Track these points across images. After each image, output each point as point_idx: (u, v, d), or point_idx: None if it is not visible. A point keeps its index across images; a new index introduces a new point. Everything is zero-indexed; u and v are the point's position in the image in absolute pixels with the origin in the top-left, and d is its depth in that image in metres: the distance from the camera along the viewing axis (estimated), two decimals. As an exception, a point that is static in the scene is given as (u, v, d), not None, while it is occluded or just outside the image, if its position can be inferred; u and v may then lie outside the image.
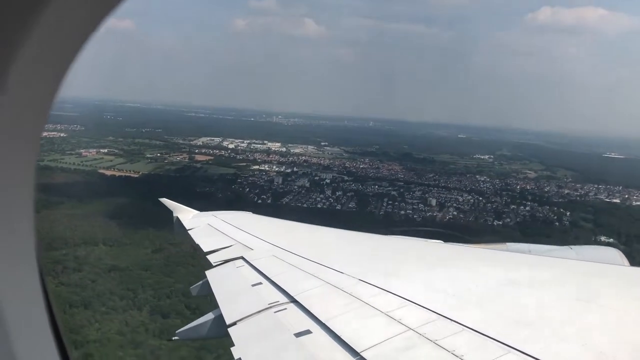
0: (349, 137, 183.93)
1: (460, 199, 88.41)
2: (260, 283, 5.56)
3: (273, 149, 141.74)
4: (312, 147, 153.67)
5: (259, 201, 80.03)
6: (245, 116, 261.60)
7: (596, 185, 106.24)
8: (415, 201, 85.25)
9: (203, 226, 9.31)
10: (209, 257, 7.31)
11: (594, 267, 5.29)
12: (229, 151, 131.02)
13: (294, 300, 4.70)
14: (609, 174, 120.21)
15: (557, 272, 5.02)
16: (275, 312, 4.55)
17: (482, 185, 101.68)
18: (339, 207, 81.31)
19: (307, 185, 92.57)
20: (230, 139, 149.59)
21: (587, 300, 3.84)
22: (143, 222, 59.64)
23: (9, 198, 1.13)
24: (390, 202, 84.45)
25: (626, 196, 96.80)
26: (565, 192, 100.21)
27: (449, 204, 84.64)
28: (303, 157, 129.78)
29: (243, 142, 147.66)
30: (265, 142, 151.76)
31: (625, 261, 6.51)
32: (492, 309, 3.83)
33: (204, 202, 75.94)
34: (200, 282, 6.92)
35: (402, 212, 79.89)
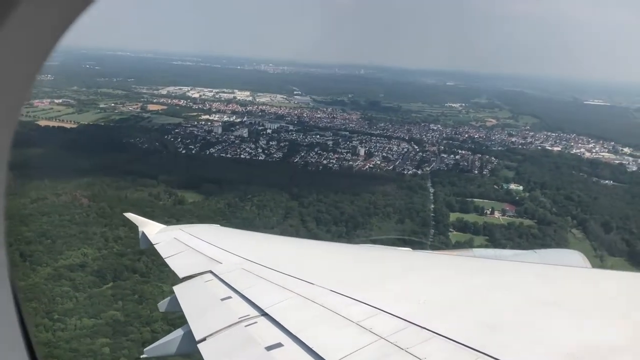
0: (329, 85, 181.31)
1: (395, 149, 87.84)
2: (230, 297, 5.46)
3: (238, 98, 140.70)
4: (282, 96, 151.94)
5: (183, 151, 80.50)
6: (234, 64, 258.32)
7: (548, 133, 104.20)
8: (344, 151, 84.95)
9: (169, 240, 9.06)
10: (176, 271, 7.11)
11: (558, 270, 5.38)
12: (188, 100, 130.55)
13: (264, 314, 4.64)
14: (573, 122, 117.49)
15: (522, 277, 5.08)
16: (245, 326, 4.49)
17: (428, 135, 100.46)
18: (262, 157, 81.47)
19: (245, 135, 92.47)
20: (199, 88, 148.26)
21: (552, 303, 3.89)
22: (42, 173, 60.66)
23: None
24: (319, 151, 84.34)
25: (571, 144, 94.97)
26: (512, 140, 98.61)
27: (377, 153, 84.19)
28: (263, 107, 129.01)
29: (211, 91, 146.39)
30: (235, 91, 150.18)
31: (588, 263, 6.91)
32: (461, 315, 3.85)
33: (123, 153, 76.83)
34: (168, 297, 6.68)
35: (325, 161, 79.89)
